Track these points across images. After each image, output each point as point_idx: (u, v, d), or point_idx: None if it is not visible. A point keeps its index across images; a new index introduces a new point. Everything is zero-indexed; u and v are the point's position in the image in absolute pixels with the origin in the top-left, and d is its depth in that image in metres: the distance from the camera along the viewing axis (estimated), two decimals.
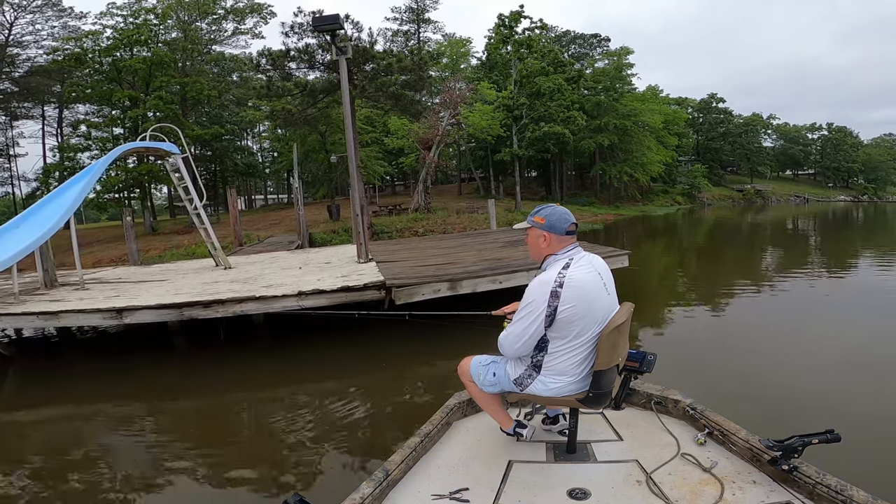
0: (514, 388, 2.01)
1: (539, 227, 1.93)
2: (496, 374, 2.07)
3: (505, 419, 2.19)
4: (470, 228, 17.77)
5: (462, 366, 2.21)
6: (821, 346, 5.07)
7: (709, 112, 51.31)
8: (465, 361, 2.21)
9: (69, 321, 5.25)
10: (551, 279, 1.83)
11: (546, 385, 1.92)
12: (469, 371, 2.16)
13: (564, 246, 1.92)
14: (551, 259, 1.92)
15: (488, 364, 2.12)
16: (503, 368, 2.05)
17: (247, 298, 5.25)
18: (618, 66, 33.85)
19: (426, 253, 8.39)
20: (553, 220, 1.91)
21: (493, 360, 2.12)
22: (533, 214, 1.98)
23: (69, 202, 6.21)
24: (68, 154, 22.35)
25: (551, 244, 1.92)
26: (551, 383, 1.91)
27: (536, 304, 1.83)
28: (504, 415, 2.19)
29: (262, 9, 27.82)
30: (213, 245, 8.33)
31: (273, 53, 17.24)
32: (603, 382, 1.88)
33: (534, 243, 1.98)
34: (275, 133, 34.57)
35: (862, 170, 60.30)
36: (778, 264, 11.91)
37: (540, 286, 1.84)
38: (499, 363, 2.09)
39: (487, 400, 2.16)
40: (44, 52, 24.11)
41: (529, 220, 1.99)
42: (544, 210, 1.97)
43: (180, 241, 16.28)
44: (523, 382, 1.97)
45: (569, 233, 1.91)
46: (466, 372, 2.18)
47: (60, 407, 4.49)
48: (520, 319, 1.88)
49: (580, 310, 1.81)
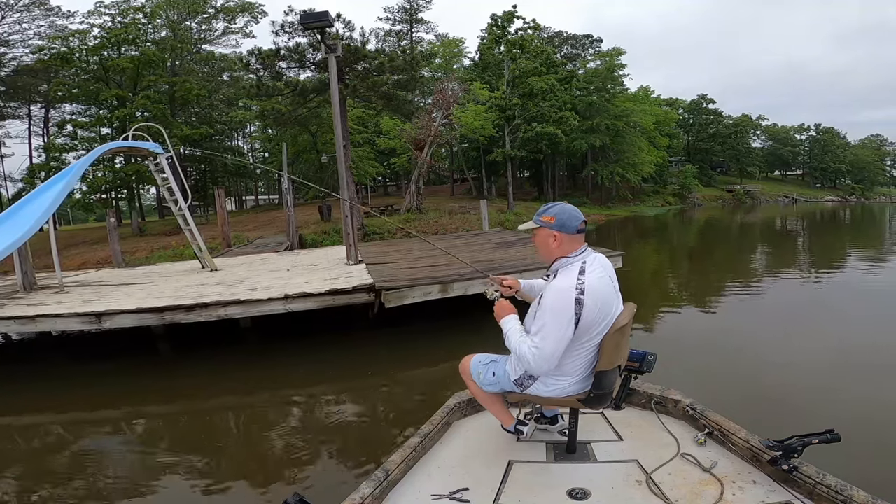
0: (514, 389, 1.97)
1: (549, 227, 1.83)
2: (496, 374, 2.02)
3: (506, 417, 2.17)
4: (462, 229, 17.72)
5: (463, 364, 2.17)
6: (819, 346, 5.06)
7: (699, 113, 51.81)
8: (466, 360, 2.16)
9: (46, 326, 5.11)
10: (572, 286, 1.74)
11: (548, 386, 1.88)
12: (469, 370, 2.13)
13: (576, 247, 1.83)
14: (563, 262, 1.83)
15: (487, 364, 2.07)
16: (503, 368, 2.00)
17: (231, 302, 5.13)
18: (610, 66, 34.03)
19: (417, 255, 8.31)
20: (563, 218, 1.82)
21: (492, 360, 2.08)
22: (540, 213, 1.88)
23: (48, 203, 6.03)
24: (54, 154, 22.03)
25: (562, 244, 1.83)
26: (553, 384, 1.87)
27: (565, 314, 1.72)
28: (506, 413, 2.17)
29: (253, 8, 27.70)
30: (198, 247, 8.19)
31: (263, 53, 17.07)
32: (605, 383, 1.86)
33: (543, 244, 1.87)
34: (265, 133, 34.33)
35: (849, 170, 61.20)
36: (771, 264, 11.99)
37: (562, 294, 1.74)
38: (498, 363, 2.04)
39: (489, 399, 2.13)
40: (30, 51, 23.77)
41: (537, 220, 1.88)
42: (553, 208, 1.87)
43: (168, 242, 16.04)
44: (524, 383, 1.92)
45: (579, 231, 1.83)
46: (467, 370, 2.14)
47: (41, 413, 4.36)
48: (549, 334, 1.73)
49: (598, 315, 1.77)
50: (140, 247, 16.22)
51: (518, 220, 22.29)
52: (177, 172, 8.45)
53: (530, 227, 1.92)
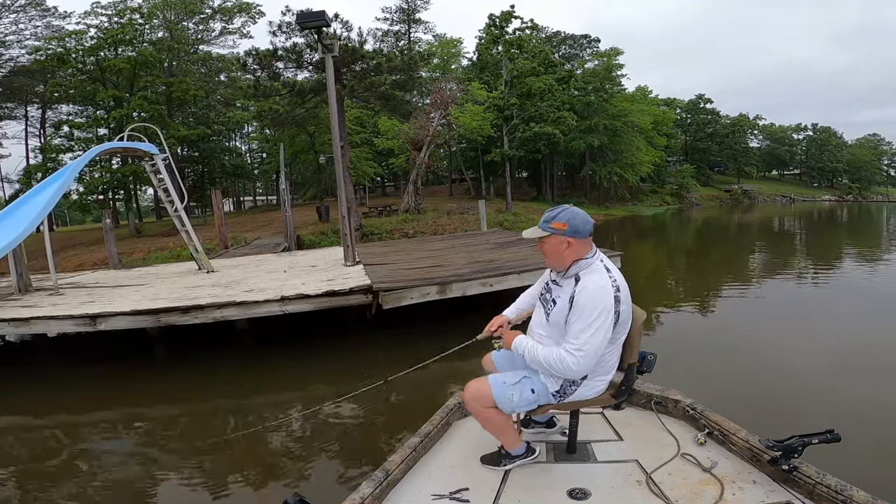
0: (551, 401, 1.89)
1: (561, 234, 1.79)
2: (535, 391, 1.87)
3: (515, 439, 2.03)
4: (461, 230, 17.69)
5: (475, 391, 1.90)
6: (818, 345, 5.06)
7: (697, 113, 51.86)
8: (480, 386, 1.90)
9: (41, 328, 5.06)
10: (608, 283, 1.75)
11: (595, 387, 1.88)
12: (490, 395, 1.87)
13: (588, 249, 1.82)
14: (582, 264, 1.80)
15: (518, 382, 1.88)
16: (539, 382, 1.88)
17: (227, 304, 5.08)
18: (607, 66, 34.03)
19: (415, 255, 8.28)
20: (576, 223, 1.79)
21: (523, 376, 1.90)
22: (549, 220, 1.82)
23: (43, 204, 5.99)
24: (50, 155, 21.92)
25: (576, 250, 1.80)
26: (597, 384, 1.88)
27: (607, 312, 1.72)
28: (517, 435, 2.06)
29: (251, 8, 27.62)
30: (195, 248, 8.15)
31: (260, 53, 17.02)
32: (631, 376, 1.93)
33: (555, 251, 1.82)
34: (263, 134, 34.25)
35: (846, 170, 61.36)
36: (769, 263, 11.99)
37: (602, 292, 1.74)
38: (532, 378, 1.89)
39: (504, 423, 1.97)
40: (27, 51, 23.67)
41: (545, 227, 1.82)
42: (563, 213, 1.81)
43: (165, 243, 15.98)
44: (566, 391, 1.86)
45: (590, 234, 1.83)
46: (486, 396, 1.88)
47: (36, 415, 4.32)
48: (594, 332, 1.71)
49: (629, 311, 1.82)
50: (137, 248, 16.15)
51: (516, 219, 22.27)
52: (173, 173, 8.41)
53: (538, 234, 1.85)
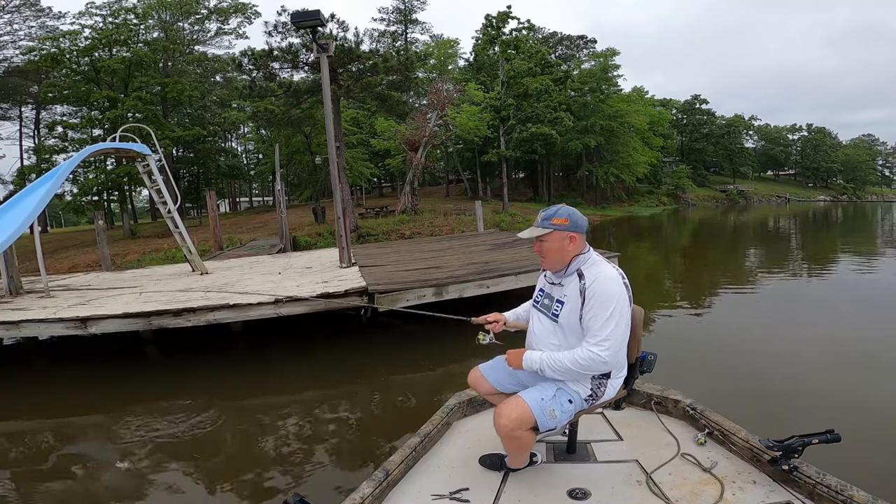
0: (584, 406, 1.85)
1: (563, 229, 1.81)
2: (572, 401, 1.80)
3: (526, 459, 1.98)
4: (457, 230, 17.67)
5: (517, 416, 1.74)
6: (818, 345, 5.05)
7: (692, 113, 52.12)
8: (517, 407, 1.76)
9: (31, 331, 5.00)
10: (616, 275, 1.78)
11: (617, 382, 1.88)
12: (530, 416, 1.74)
13: (585, 245, 1.86)
14: (582, 259, 1.82)
15: (555, 394, 1.79)
16: (572, 390, 1.82)
17: (220, 306, 5.02)
18: (604, 67, 34.16)
19: (412, 256, 8.24)
20: (576, 218, 1.83)
21: (558, 388, 1.81)
22: (550, 217, 1.82)
23: (33, 206, 5.92)
24: (44, 156, 21.75)
25: (578, 244, 1.83)
26: (619, 378, 1.88)
27: (623, 302, 1.75)
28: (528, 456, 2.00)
29: (247, 9, 27.53)
30: (188, 250, 8.08)
31: (255, 53, 16.95)
32: (632, 376, 1.93)
33: (558, 248, 1.82)
34: (259, 134, 34.13)
35: (841, 170, 61.84)
36: (765, 263, 12.02)
37: (614, 283, 1.75)
38: (564, 388, 1.81)
39: (531, 443, 1.88)
40: (21, 52, 23.50)
41: (547, 224, 1.81)
42: (561, 211, 1.84)
43: (159, 244, 15.87)
44: (596, 392, 1.83)
45: (588, 231, 1.88)
46: (527, 418, 1.74)
47: (27, 418, 4.27)
48: (617, 321, 1.70)
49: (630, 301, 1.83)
50: (131, 249, 16.04)
51: (513, 220, 22.27)
52: (166, 174, 8.33)
53: (538, 233, 1.83)
